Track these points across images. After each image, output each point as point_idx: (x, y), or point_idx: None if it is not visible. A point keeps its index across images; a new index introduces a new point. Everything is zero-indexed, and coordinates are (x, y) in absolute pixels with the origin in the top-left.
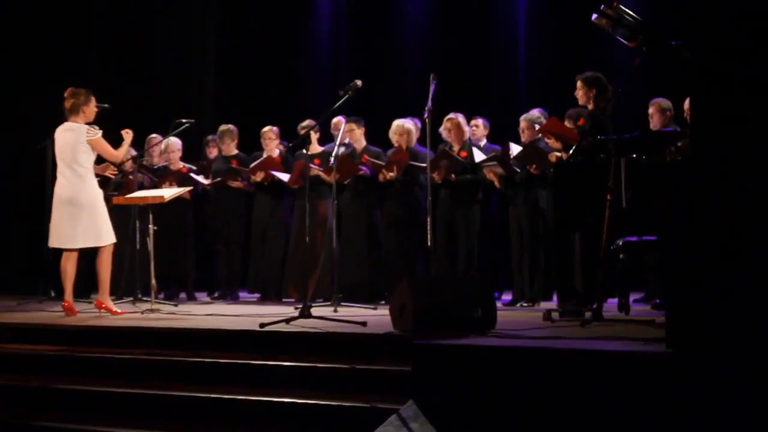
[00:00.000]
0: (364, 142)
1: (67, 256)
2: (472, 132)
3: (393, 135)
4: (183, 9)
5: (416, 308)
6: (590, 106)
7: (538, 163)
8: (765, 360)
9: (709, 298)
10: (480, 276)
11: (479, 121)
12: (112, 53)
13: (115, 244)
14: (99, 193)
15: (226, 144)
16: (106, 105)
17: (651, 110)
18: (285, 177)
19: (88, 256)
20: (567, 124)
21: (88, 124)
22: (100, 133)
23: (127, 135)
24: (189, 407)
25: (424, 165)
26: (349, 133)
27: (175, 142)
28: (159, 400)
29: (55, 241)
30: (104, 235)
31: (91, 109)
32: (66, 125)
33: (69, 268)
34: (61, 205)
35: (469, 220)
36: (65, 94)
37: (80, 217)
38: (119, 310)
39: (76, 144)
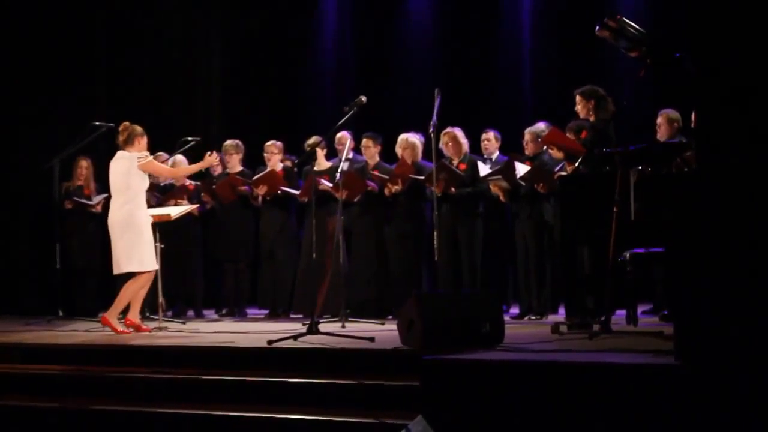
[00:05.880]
0: (377, 158)
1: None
2: (484, 146)
3: (398, 149)
4: (188, 27)
5: (424, 323)
6: (591, 118)
7: (545, 182)
8: None
9: (718, 309)
10: (487, 290)
11: (491, 134)
12: (118, 73)
13: None
14: (146, 219)
15: (230, 157)
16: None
17: (659, 121)
18: (295, 192)
19: (100, 276)
20: (568, 136)
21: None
22: (150, 157)
23: (210, 157)
24: (198, 425)
25: (422, 178)
26: (365, 149)
27: (181, 160)
28: (168, 419)
29: (114, 267)
30: (146, 261)
31: (145, 141)
32: (119, 154)
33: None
34: (111, 231)
35: (470, 234)
36: (120, 128)
37: (126, 240)
38: (121, 329)
39: (129, 171)
